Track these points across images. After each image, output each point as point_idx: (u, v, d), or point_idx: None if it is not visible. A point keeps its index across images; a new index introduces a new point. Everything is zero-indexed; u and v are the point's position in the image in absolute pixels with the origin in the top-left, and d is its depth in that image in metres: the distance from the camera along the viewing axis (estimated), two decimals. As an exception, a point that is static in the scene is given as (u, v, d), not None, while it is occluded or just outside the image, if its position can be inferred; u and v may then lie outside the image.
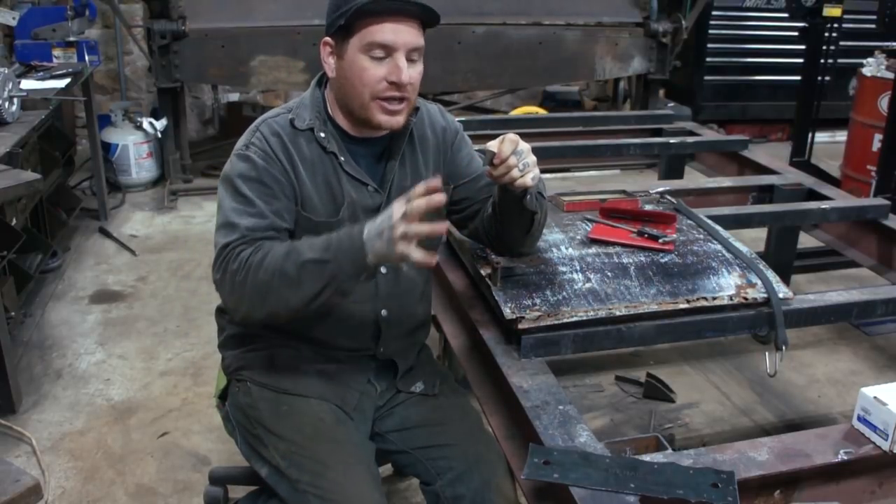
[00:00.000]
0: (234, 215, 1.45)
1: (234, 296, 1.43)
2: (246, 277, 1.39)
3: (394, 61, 1.43)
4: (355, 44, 1.44)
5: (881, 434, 1.31)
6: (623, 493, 1.20)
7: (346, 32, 1.45)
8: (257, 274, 1.38)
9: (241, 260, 1.40)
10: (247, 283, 1.39)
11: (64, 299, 3.49)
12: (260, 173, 1.47)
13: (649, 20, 5.21)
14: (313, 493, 1.45)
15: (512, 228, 1.63)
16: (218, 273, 1.43)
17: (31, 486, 1.40)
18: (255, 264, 1.38)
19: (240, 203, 1.46)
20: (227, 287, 1.43)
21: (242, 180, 1.47)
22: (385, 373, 1.68)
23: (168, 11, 4.46)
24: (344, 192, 1.53)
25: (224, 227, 1.45)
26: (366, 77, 1.44)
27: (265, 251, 1.40)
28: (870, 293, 1.88)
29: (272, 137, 1.50)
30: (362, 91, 1.46)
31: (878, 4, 3.78)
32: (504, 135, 1.45)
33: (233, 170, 1.49)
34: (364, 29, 1.43)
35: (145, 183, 5.01)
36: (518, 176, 1.44)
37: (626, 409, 2.75)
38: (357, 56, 1.44)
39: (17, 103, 3.09)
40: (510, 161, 1.43)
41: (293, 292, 1.37)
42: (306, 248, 1.38)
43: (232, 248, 1.42)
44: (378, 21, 1.42)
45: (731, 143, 3.21)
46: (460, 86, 5.34)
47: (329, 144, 1.52)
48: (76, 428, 2.58)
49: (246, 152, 1.49)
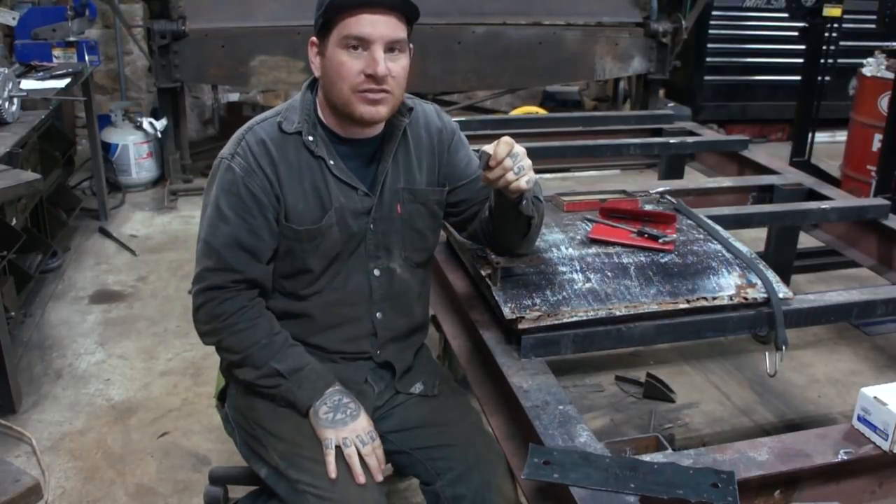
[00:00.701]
0: (211, 235, 1.52)
1: (207, 329, 1.56)
2: (223, 331, 1.53)
3: (371, 54, 1.42)
4: (334, 38, 1.44)
5: (881, 434, 1.31)
6: (623, 493, 1.20)
7: (327, 29, 1.45)
8: (234, 337, 1.53)
9: (224, 313, 1.52)
10: (223, 335, 1.54)
11: (64, 299, 3.49)
12: (239, 189, 1.49)
13: (649, 20, 5.21)
14: (313, 493, 1.45)
15: (508, 232, 1.63)
16: (199, 298, 1.54)
17: (31, 486, 1.40)
18: (236, 330, 1.52)
19: (218, 219, 1.51)
20: (202, 319, 1.56)
21: (224, 195, 1.51)
22: (382, 374, 1.68)
23: (168, 11, 4.45)
24: (332, 197, 1.52)
25: (204, 243, 1.53)
26: (343, 71, 1.43)
27: (248, 324, 1.52)
28: (870, 293, 1.88)
29: (257, 146, 1.51)
30: (342, 86, 1.45)
31: (878, 4, 3.78)
32: (500, 138, 1.44)
33: (217, 180, 1.53)
34: (341, 23, 1.43)
35: (145, 183, 5.01)
36: (513, 179, 1.43)
37: (626, 409, 2.75)
38: (336, 51, 1.44)
39: (17, 103, 3.09)
40: (505, 163, 1.41)
41: (251, 371, 1.54)
42: (281, 354, 1.53)
43: (215, 289, 1.52)
44: (353, 14, 1.41)
45: (731, 143, 3.21)
46: (460, 86, 5.34)
47: (317, 148, 1.51)
48: (76, 428, 2.58)
49: (230, 163, 1.51)
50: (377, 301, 1.60)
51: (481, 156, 1.44)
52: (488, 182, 1.47)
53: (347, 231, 1.54)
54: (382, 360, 1.66)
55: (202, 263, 1.53)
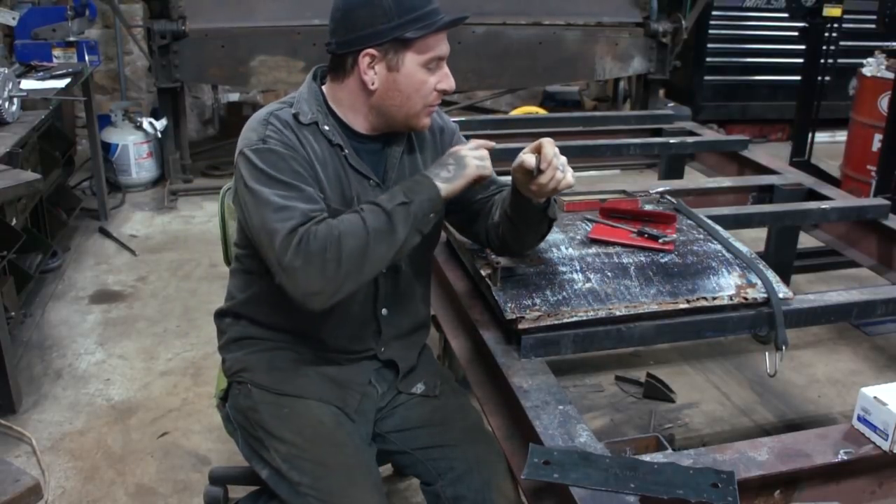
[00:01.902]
0: (286, 201, 1.39)
1: (324, 276, 1.36)
2: (339, 251, 1.35)
3: (443, 71, 1.50)
4: (414, 57, 1.46)
5: (881, 434, 1.31)
6: (623, 493, 1.20)
7: (401, 45, 1.44)
8: (349, 242, 1.36)
9: (323, 238, 1.35)
10: (342, 255, 1.35)
11: (64, 299, 3.49)
12: (289, 163, 1.43)
13: (649, 20, 5.21)
14: (314, 495, 1.46)
15: (528, 235, 1.64)
16: (298, 259, 1.34)
17: (31, 486, 1.40)
18: (342, 235, 1.36)
19: (285, 190, 1.40)
20: (314, 269, 1.35)
21: (277, 171, 1.42)
22: (386, 374, 1.68)
23: (168, 11, 4.46)
24: (352, 186, 1.53)
25: (279, 211, 1.37)
26: (424, 88, 1.48)
27: (342, 224, 1.38)
28: (870, 293, 1.88)
29: (285, 129, 1.47)
30: (417, 101, 1.49)
31: (878, 4, 3.77)
32: (537, 141, 1.46)
33: (258, 163, 1.43)
34: (422, 42, 1.45)
35: (145, 183, 5.01)
36: (561, 176, 1.45)
37: (626, 409, 2.75)
38: (417, 69, 1.47)
39: (17, 103, 3.09)
40: (554, 162, 1.44)
41: (389, 243, 1.40)
42: (383, 201, 1.42)
43: (304, 231, 1.35)
44: (434, 34, 1.46)
45: (731, 143, 3.21)
46: (460, 86, 5.25)
47: (334, 137, 1.52)
48: (76, 428, 2.58)
49: (267, 146, 1.44)
50: (383, 298, 1.60)
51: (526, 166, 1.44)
52: (540, 189, 1.46)
53: None
54: (386, 359, 1.66)
55: (288, 223, 1.36)
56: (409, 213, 1.41)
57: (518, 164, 1.47)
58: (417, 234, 1.44)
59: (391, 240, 1.40)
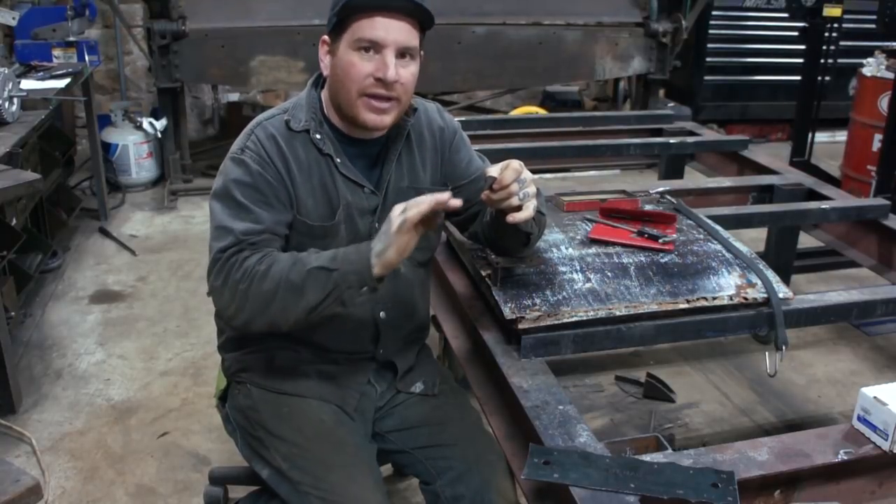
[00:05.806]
0: (229, 220, 1.43)
1: (234, 303, 1.41)
2: (250, 286, 1.38)
3: (382, 58, 1.42)
4: (346, 39, 1.43)
5: (881, 434, 1.31)
6: (623, 493, 1.20)
7: (340, 29, 1.44)
8: (262, 283, 1.37)
9: (246, 268, 1.39)
10: (250, 291, 1.38)
11: (64, 299, 3.49)
12: (255, 179, 1.45)
13: (649, 20, 5.21)
14: (315, 494, 1.46)
15: (507, 242, 1.64)
16: (217, 280, 1.41)
17: (31, 486, 1.40)
18: (261, 273, 1.38)
19: (234, 209, 1.44)
20: (227, 295, 1.41)
21: (237, 186, 1.45)
22: (385, 373, 1.68)
23: (168, 11, 4.46)
24: (340, 195, 1.52)
25: (218, 231, 1.44)
26: (353, 72, 1.43)
27: (270, 261, 1.39)
28: (870, 293, 1.88)
29: (267, 141, 1.48)
30: (350, 87, 1.44)
31: (878, 4, 3.78)
32: (508, 161, 1.42)
33: (228, 175, 1.47)
34: (355, 24, 1.42)
35: (145, 183, 5.01)
36: (517, 204, 1.41)
37: (626, 409, 2.75)
38: (347, 52, 1.43)
39: (17, 103, 3.09)
40: (511, 188, 1.39)
41: (296, 301, 1.37)
42: (313, 258, 1.39)
43: (232, 254, 1.41)
44: (369, 16, 1.41)
45: (731, 143, 3.21)
46: (460, 86, 5.35)
47: (325, 146, 1.51)
48: (76, 428, 2.58)
49: (241, 156, 1.48)
50: (381, 300, 1.60)
51: (486, 179, 1.41)
52: (490, 203, 1.44)
53: (354, 230, 1.54)
54: (385, 360, 1.66)
55: (221, 244, 1.42)
56: (329, 281, 1.36)
57: (482, 172, 1.46)
58: (338, 304, 1.38)
59: (297, 299, 1.37)
